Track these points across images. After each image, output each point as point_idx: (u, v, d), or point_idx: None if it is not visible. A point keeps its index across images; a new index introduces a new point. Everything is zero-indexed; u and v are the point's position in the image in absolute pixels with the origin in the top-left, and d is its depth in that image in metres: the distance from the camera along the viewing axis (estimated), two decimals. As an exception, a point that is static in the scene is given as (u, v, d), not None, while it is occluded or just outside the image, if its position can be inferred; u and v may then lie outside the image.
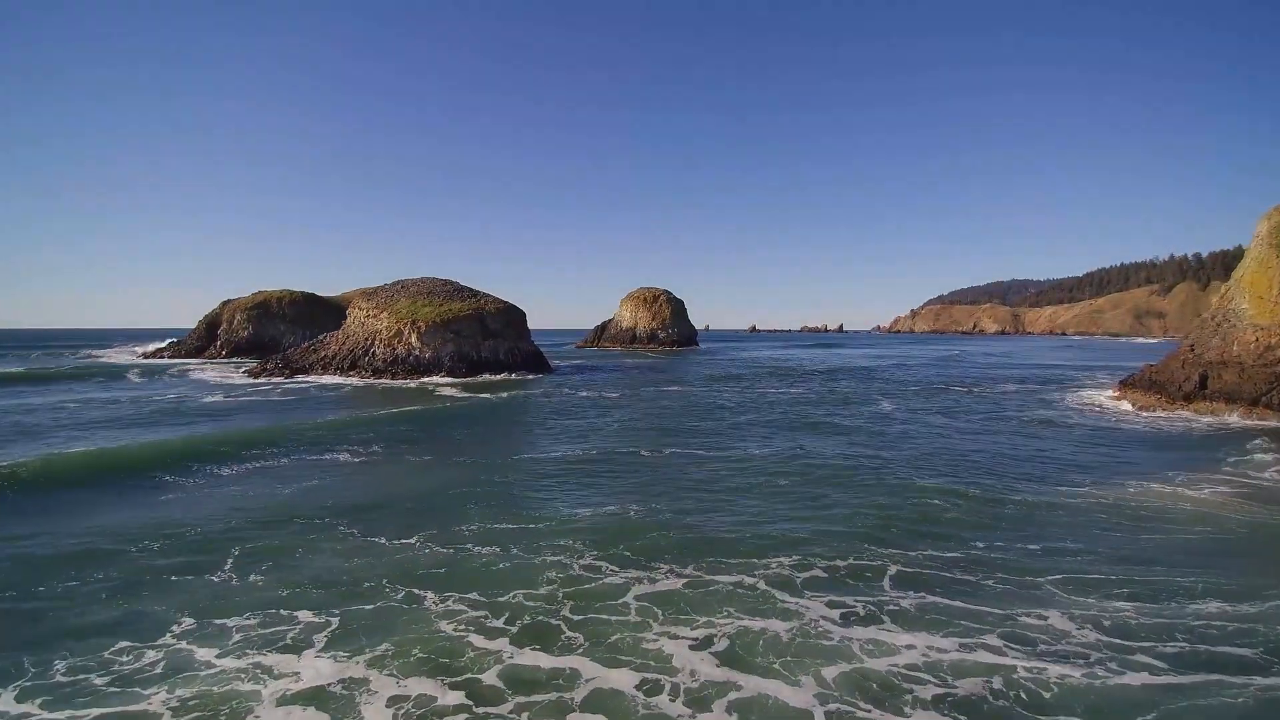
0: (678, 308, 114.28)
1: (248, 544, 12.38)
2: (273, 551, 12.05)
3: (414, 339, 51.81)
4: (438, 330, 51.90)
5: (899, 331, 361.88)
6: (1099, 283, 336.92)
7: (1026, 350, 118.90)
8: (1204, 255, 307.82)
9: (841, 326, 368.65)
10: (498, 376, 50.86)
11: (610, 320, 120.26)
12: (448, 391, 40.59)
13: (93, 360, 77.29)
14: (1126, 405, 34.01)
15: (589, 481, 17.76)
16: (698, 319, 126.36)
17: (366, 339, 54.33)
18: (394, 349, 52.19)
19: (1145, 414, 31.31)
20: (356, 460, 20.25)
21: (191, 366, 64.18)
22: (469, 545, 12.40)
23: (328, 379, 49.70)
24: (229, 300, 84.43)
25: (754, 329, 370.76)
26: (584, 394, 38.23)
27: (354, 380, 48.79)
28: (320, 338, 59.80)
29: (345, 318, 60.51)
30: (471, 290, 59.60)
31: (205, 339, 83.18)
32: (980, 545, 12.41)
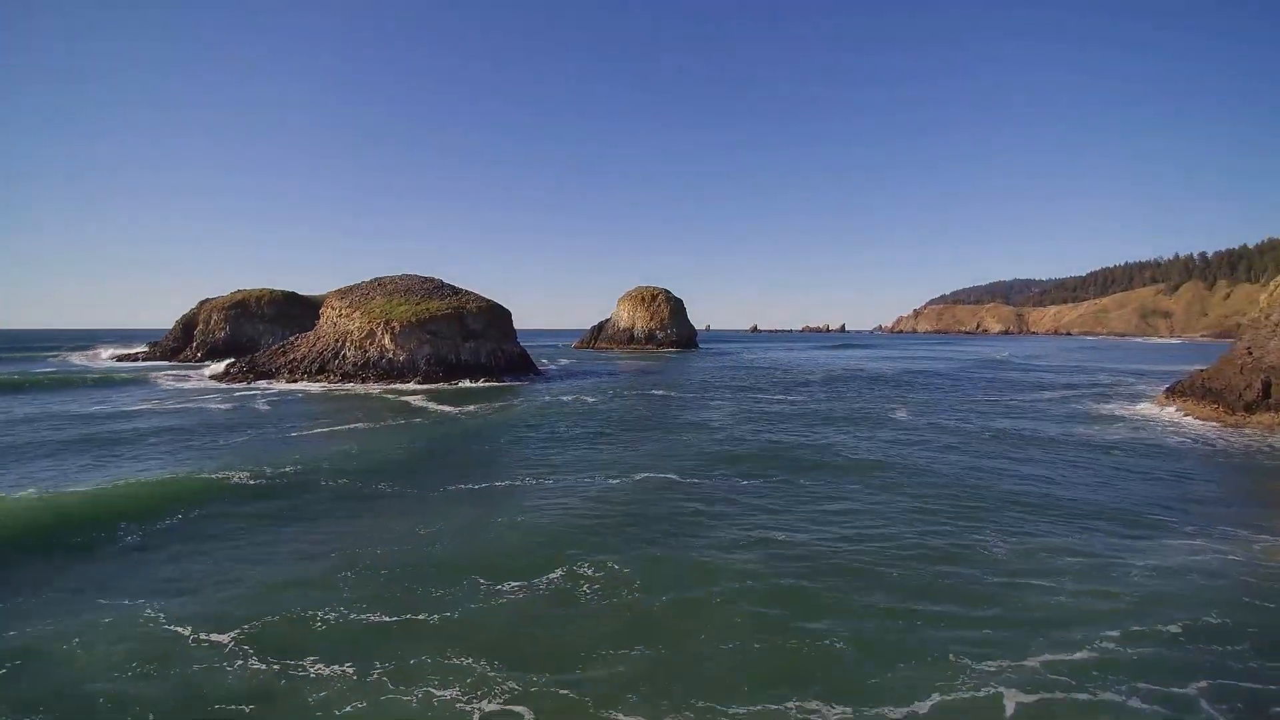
0: (677, 307, 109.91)
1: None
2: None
3: (387, 340, 47.59)
4: (413, 331, 47.67)
5: (901, 331, 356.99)
6: (1103, 282, 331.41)
7: (1038, 351, 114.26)
8: (1210, 254, 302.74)
9: (844, 326, 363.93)
10: (477, 382, 46.60)
11: (608, 320, 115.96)
12: (413, 401, 36.27)
13: (61, 363, 73.31)
14: (1181, 416, 29.58)
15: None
16: (699, 319, 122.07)
17: (337, 340, 50.13)
18: (365, 351, 47.98)
19: (1207, 428, 26.91)
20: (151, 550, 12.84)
21: (160, 371, 60.02)
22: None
23: (290, 385, 45.54)
24: (207, 299, 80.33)
25: (755, 329, 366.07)
26: (558, 411, 33.37)
27: (317, 386, 44.57)
28: (291, 339, 55.63)
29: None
30: (453, 288, 55.37)
31: (182, 340, 79.13)
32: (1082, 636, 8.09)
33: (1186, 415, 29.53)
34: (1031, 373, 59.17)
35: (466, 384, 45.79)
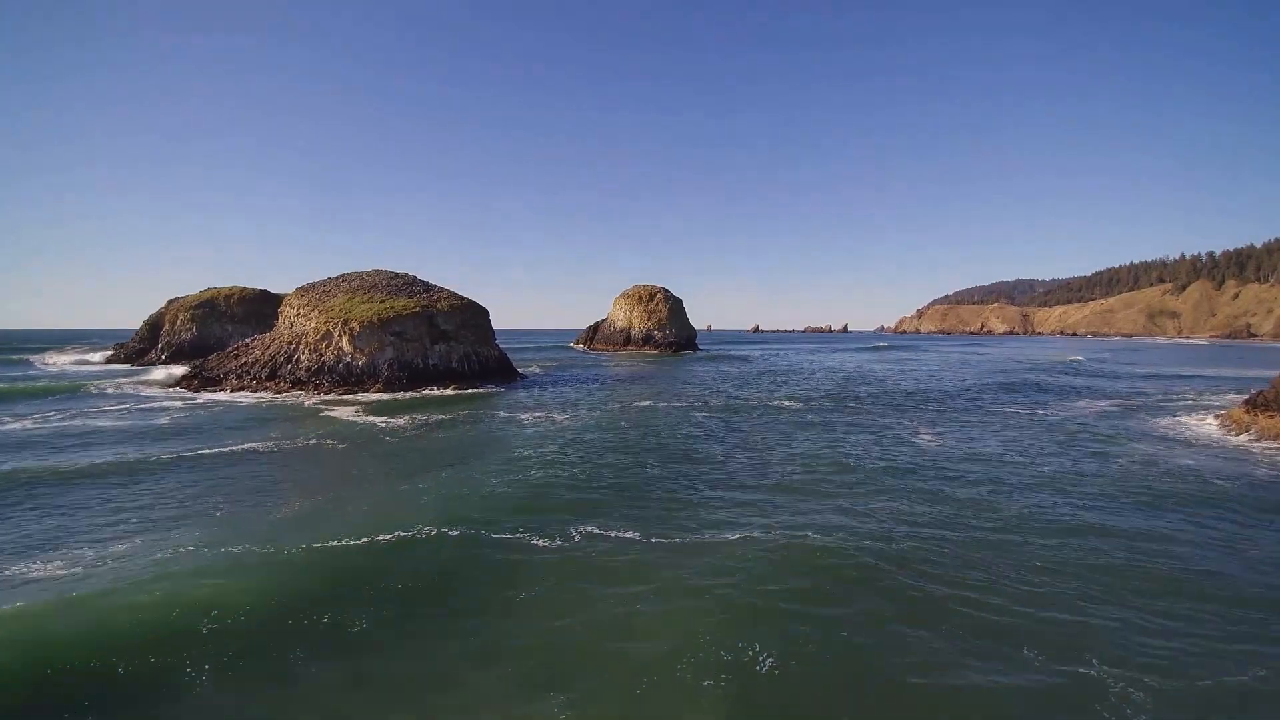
0: (675, 306, 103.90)
1: None
2: None
3: (345, 343, 41.83)
4: (374, 332, 41.90)
5: (904, 332, 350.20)
6: (1108, 282, 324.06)
7: (1053, 352, 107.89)
8: (1217, 254, 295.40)
9: (846, 327, 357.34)
10: (446, 390, 40.82)
11: (604, 320, 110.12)
12: (344, 415, 30.28)
13: (23, 365, 67.84)
14: (1260, 440, 23.52)
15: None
16: (700, 319, 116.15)
17: (290, 343, 44.43)
18: (321, 355, 42.24)
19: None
20: None
21: (111, 379, 54.37)
22: None
23: (231, 395, 39.87)
24: (175, 298, 74.79)
25: (757, 329, 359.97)
26: (511, 433, 26.33)
27: (260, 396, 38.81)
28: (246, 341, 49.96)
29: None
30: (425, 285, 49.60)
31: (148, 342, 73.65)
32: None
33: (1263, 436, 23.44)
34: (1061, 375, 53.04)
35: (434, 392, 40.01)
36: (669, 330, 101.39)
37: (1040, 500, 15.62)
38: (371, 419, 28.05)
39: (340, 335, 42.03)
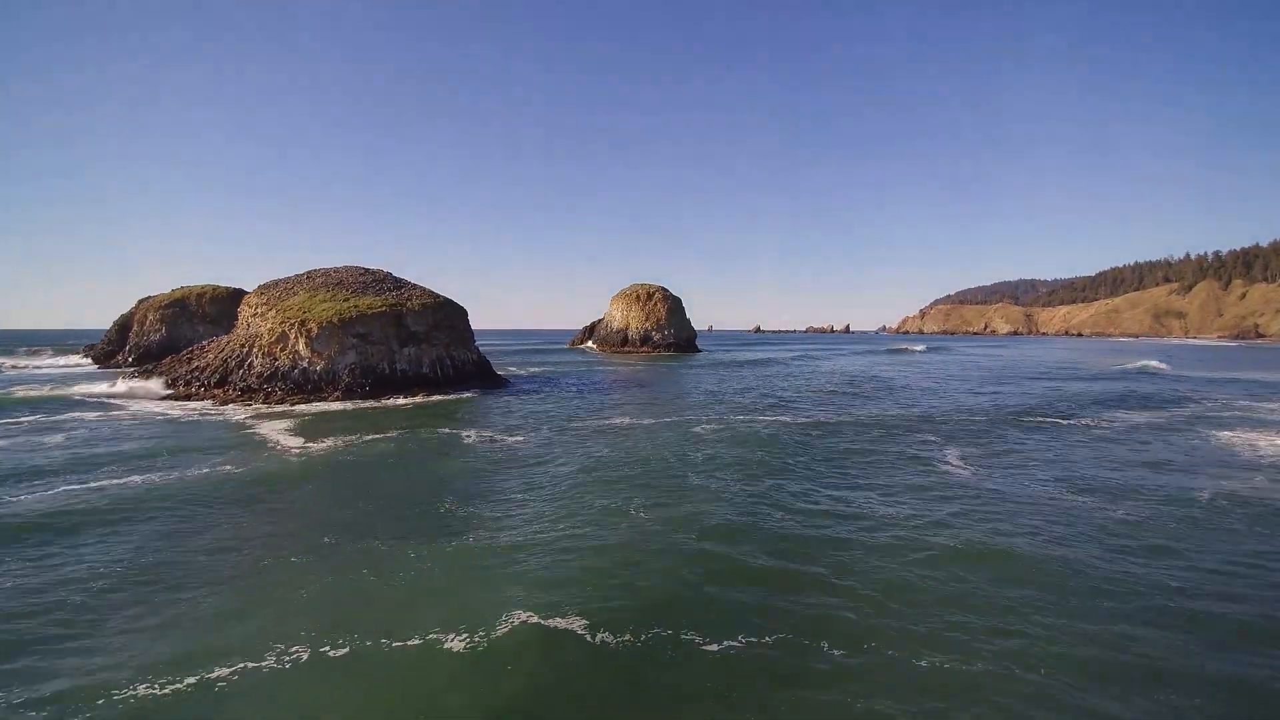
0: (674, 306, 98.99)
1: None
2: None
3: (301, 345, 37.07)
4: (334, 334, 37.13)
5: (907, 332, 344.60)
6: (1112, 282, 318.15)
7: (1066, 353, 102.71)
8: (1223, 253, 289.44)
9: (848, 327, 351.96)
10: (413, 398, 36.05)
11: (600, 320, 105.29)
12: (267, 436, 25.55)
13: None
14: None
15: None
16: (701, 319, 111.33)
17: (244, 346, 39.71)
18: (275, 359, 37.50)
19: None
20: None
21: (65, 385, 49.70)
22: None
23: (160, 406, 35.15)
24: (146, 298, 70.18)
25: (758, 329, 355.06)
26: (453, 460, 20.31)
27: (196, 406, 34.02)
28: (203, 343, 45.30)
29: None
30: (397, 282, 44.83)
31: (117, 344, 69.13)
32: None
33: None
34: (1088, 380, 48.00)
35: (397, 401, 35.20)
36: (667, 330, 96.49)
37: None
38: (292, 443, 23.06)
39: (296, 337, 37.27)
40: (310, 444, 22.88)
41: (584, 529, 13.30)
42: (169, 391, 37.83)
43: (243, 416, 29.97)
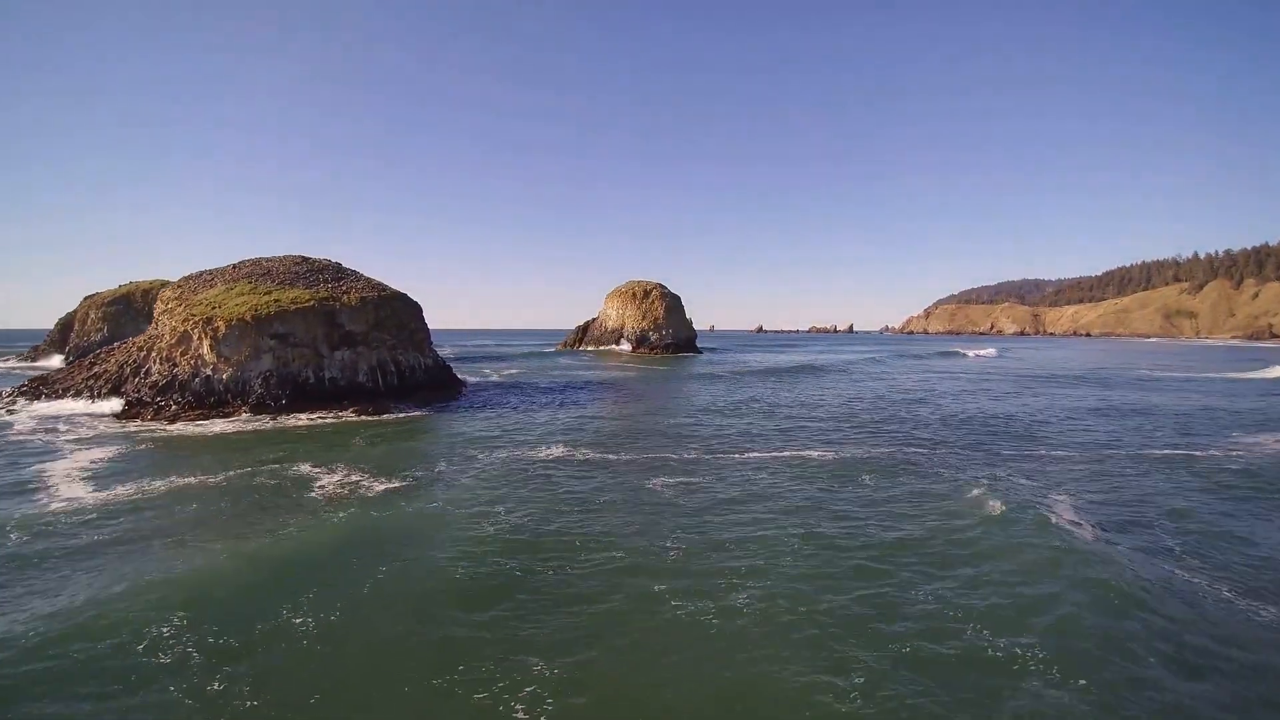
0: (673, 304, 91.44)
1: None
2: None
3: (205, 348, 29.78)
4: (246, 334, 29.82)
5: (912, 332, 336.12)
6: (1120, 281, 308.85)
7: (1094, 355, 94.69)
8: (1235, 251, 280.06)
9: (851, 327, 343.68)
10: (333, 415, 28.68)
11: (594, 320, 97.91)
12: (53, 477, 18.26)
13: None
14: None
15: None
16: (702, 319, 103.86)
17: (142, 349, 32.53)
18: (175, 365, 30.26)
19: None
20: None
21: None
22: None
23: (48, 413, 27.85)
24: (92, 295, 63.18)
25: (760, 329, 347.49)
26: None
27: (66, 413, 26.72)
28: (113, 345, 38.19)
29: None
30: (340, 273, 37.48)
31: (59, 344, 62.24)
32: None
33: None
34: (1150, 387, 40.35)
35: (310, 419, 27.83)
36: (665, 331, 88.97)
37: None
38: (66, 490, 15.83)
39: (201, 338, 29.97)
40: (87, 494, 15.49)
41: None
42: (49, 404, 30.62)
43: (71, 439, 22.59)
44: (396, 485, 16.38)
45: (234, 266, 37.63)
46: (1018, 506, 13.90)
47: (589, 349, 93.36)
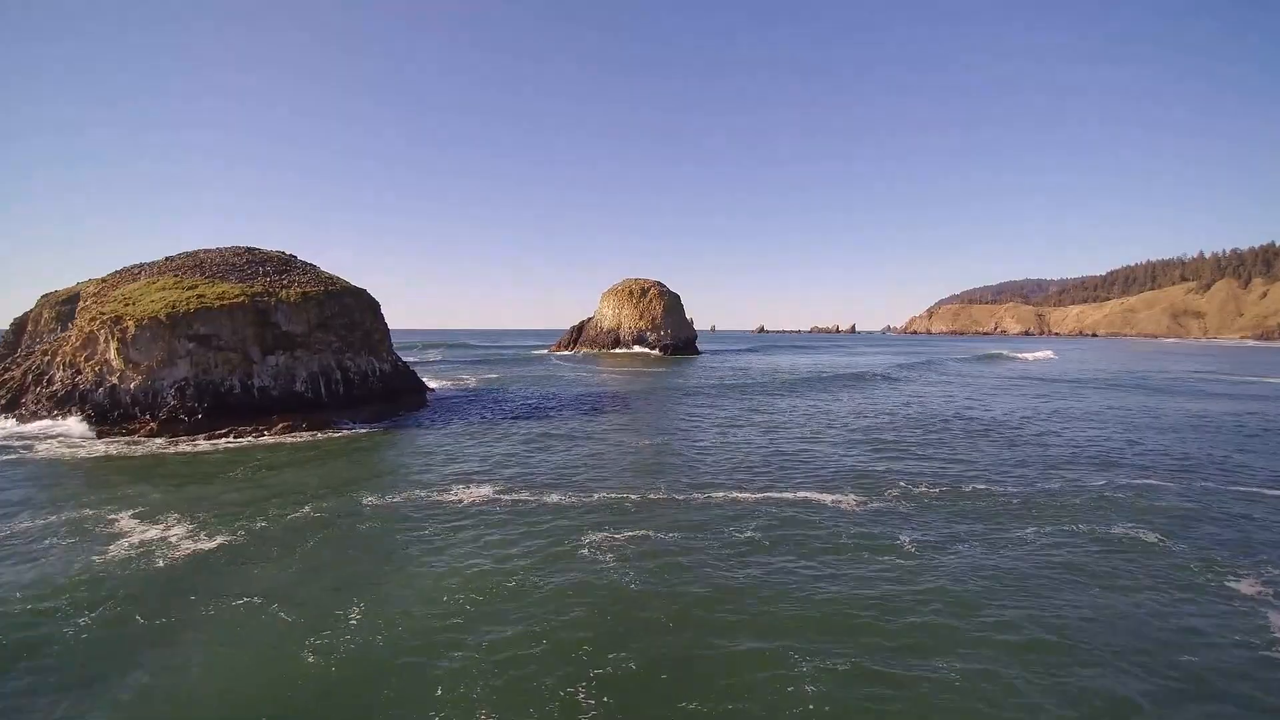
0: (672, 303, 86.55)
1: None
2: None
3: (112, 353, 25.05)
4: (160, 335, 25.07)
5: (915, 332, 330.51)
6: (1125, 281, 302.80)
7: (1124, 357, 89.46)
8: (1243, 250, 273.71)
9: (854, 327, 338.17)
10: (268, 435, 23.89)
11: (590, 319, 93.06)
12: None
13: None
14: None
15: None
16: (703, 319, 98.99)
17: (46, 354, 27.86)
18: (77, 372, 25.55)
19: None
20: None
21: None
22: None
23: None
24: (49, 293, 58.54)
25: (762, 329, 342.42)
26: None
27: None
28: (31, 349, 33.54)
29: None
30: (285, 263, 32.66)
31: (12, 346, 57.63)
32: None
33: None
34: (1240, 398, 35.15)
35: (226, 442, 23.08)
36: (664, 331, 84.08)
37: None
38: None
39: (108, 341, 25.21)
40: None
41: None
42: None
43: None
44: (204, 546, 11.66)
45: (166, 259, 32.92)
46: None
47: (585, 349, 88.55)
